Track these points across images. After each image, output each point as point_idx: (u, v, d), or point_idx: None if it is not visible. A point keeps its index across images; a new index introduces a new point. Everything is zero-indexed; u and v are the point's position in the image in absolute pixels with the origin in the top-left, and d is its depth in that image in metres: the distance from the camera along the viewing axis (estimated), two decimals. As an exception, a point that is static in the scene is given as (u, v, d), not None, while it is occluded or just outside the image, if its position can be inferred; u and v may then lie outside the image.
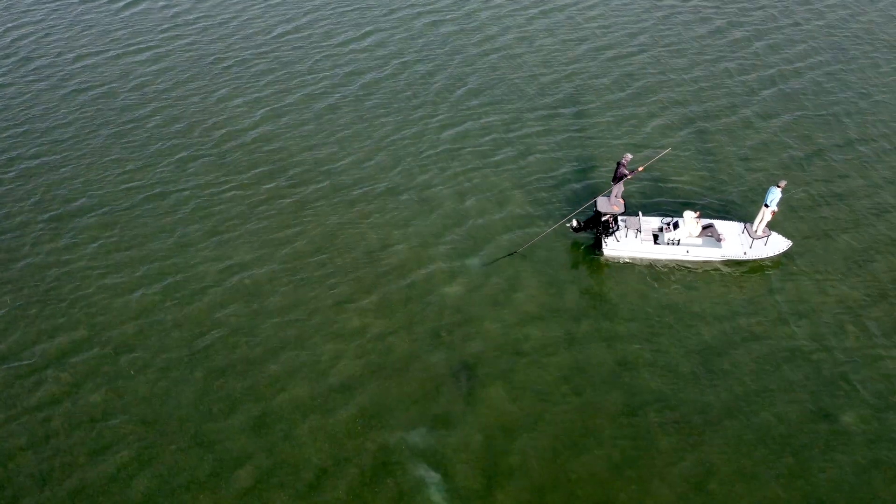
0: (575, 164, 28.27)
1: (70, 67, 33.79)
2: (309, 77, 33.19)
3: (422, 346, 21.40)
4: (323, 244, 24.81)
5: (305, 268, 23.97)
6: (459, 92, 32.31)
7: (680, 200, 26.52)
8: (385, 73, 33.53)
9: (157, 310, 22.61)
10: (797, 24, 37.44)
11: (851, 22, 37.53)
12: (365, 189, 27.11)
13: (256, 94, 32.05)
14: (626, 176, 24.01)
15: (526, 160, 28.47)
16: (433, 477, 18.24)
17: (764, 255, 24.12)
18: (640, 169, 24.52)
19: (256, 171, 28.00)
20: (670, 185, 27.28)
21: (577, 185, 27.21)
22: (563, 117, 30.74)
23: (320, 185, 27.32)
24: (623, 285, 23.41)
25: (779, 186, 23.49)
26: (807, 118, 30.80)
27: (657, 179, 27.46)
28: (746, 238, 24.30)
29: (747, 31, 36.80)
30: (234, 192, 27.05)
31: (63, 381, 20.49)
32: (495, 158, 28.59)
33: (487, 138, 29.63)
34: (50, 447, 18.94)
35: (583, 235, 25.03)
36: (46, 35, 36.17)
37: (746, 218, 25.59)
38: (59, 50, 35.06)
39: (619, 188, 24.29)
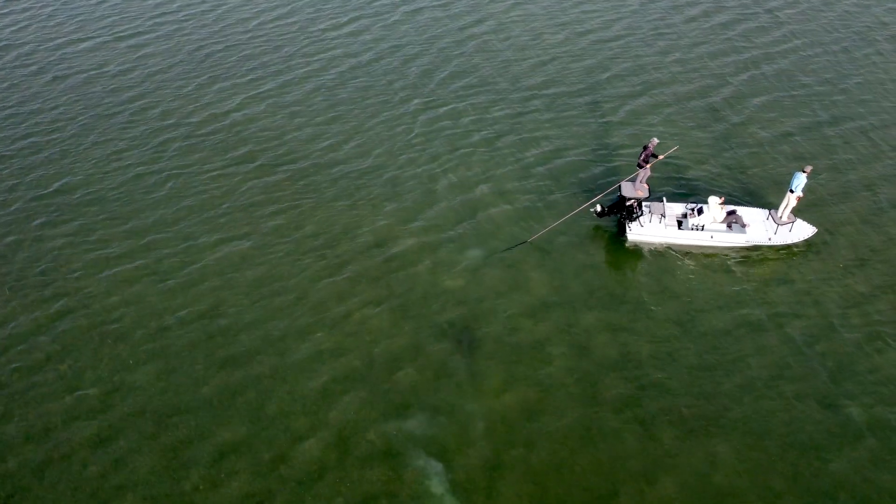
0: (583, 151, 28.44)
1: (54, 54, 34.26)
2: (292, 63, 33.50)
3: (422, 335, 21.35)
4: (323, 232, 24.78)
5: (302, 253, 24.00)
6: (455, 78, 32.50)
7: (704, 187, 26.63)
8: (371, 60, 33.78)
9: (147, 290, 22.85)
10: (805, 6, 37.10)
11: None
12: (362, 176, 27.24)
13: (239, 80, 32.44)
14: (652, 159, 24.16)
15: (531, 148, 28.61)
16: (435, 467, 18.23)
17: (788, 241, 24.18)
18: (648, 166, 24.59)
19: (239, 152, 28.35)
20: (694, 172, 27.38)
21: (584, 172, 27.35)
22: (566, 105, 30.87)
23: (315, 171, 27.57)
24: (645, 271, 23.64)
25: (804, 172, 23.50)
26: (834, 102, 30.65)
27: (681, 167, 27.54)
28: (771, 224, 24.36)
29: (748, 15, 36.52)
30: (217, 172, 27.43)
31: (62, 371, 20.62)
32: (499, 146, 28.72)
33: (489, 126, 29.87)
34: (49, 439, 19.02)
35: (606, 220, 25.22)
36: (30, 23, 36.71)
37: (771, 205, 25.63)
38: (43, 36, 35.61)
39: (644, 173, 24.44)
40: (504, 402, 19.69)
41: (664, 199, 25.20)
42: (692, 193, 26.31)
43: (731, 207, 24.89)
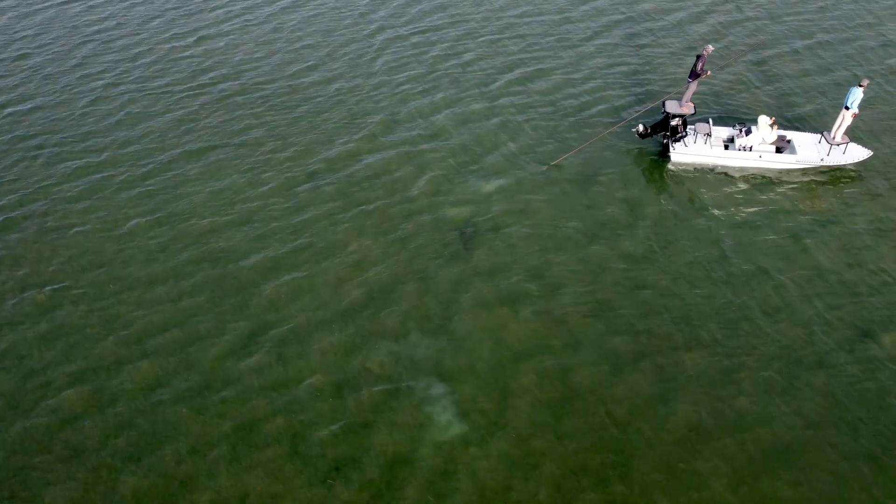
0: (598, 76, 26.75)
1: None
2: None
3: (421, 262, 19.79)
4: (319, 161, 23.14)
5: (295, 178, 22.49)
6: (445, 8, 30.73)
7: (751, 112, 25.13)
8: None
9: (126, 211, 21.42)
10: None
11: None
12: (349, 101, 25.73)
13: (207, 13, 30.94)
14: (704, 73, 23.09)
15: (543, 74, 26.96)
16: (439, 394, 16.76)
17: (841, 163, 22.85)
18: (698, 80, 23.35)
19: (207, 76, 27.12)
20: (741, 97, 25.79)
21: (603, 98, 25.66)
22: (577, 30, 29.37)
23: (316, 99, 25.97)
24: (678, 195, 21.85)
25: (860, 86, 22.06)
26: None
27: (724, 92, 26.01)
28: (824, 145, 23.09)
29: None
30: (184, 94, 26.21)
31: (39, 301, 18.98)
32: (501, 74, 27.07)
33: (489, 54, 28.08)
34: (25, 368, 17.42)
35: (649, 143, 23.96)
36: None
37: (824, 128, 24.27)
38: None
39: (693, 88, 23.20)
40: (512, 331, 18.05)
41: (710, 119, 24.03)
42: (739, 118, 24.97)
43: (783, 132, 23.66)
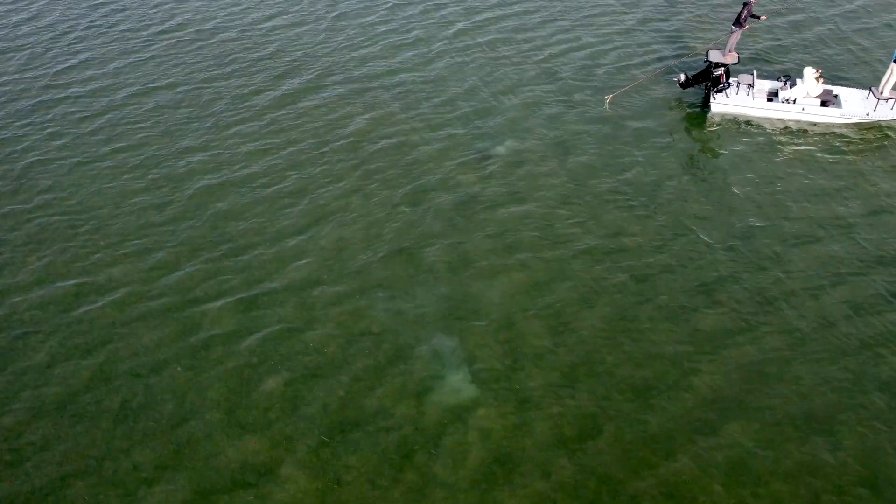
0: (657, 19, 26.87)
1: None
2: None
3: (428, 225, 19.47)
4: (318, 124, 23.07)
5: (302, 149, 22.15)
6: None
7: (799, 61, 24.90)
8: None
9: (117, 181, 21.19)
10: None
11: None
12: (361, 66, 25.78)
13: None
14: (752, 19, 22.86)
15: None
16: (446, 352, 16.45)
17: (889, 118, 22.45)
18: (744, 28, 23.07)
19: (188, 30, 27.71)
20: (786, 47, 25.70)
21: (646, 37, 25.81)
22: None
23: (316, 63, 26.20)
24: (724, 143, 22.11)
25: (912, 39, 21.73)
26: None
27: (772, 40, 25.83)
28: (871, 100, 22.65)
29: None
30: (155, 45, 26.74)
31: (29, 263, 18.79)
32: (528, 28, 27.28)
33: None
34: (14, 330, 17.08)
35: (690, 91, 23.98)
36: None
37: (873, 84, 23.83)
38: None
39: (737, 37, 23.05)
40: (522, 292, 17.60)
41: (754, 71, 23.75)
42: (784, 70, 24.61)
43: (829, 87, 23.27)
